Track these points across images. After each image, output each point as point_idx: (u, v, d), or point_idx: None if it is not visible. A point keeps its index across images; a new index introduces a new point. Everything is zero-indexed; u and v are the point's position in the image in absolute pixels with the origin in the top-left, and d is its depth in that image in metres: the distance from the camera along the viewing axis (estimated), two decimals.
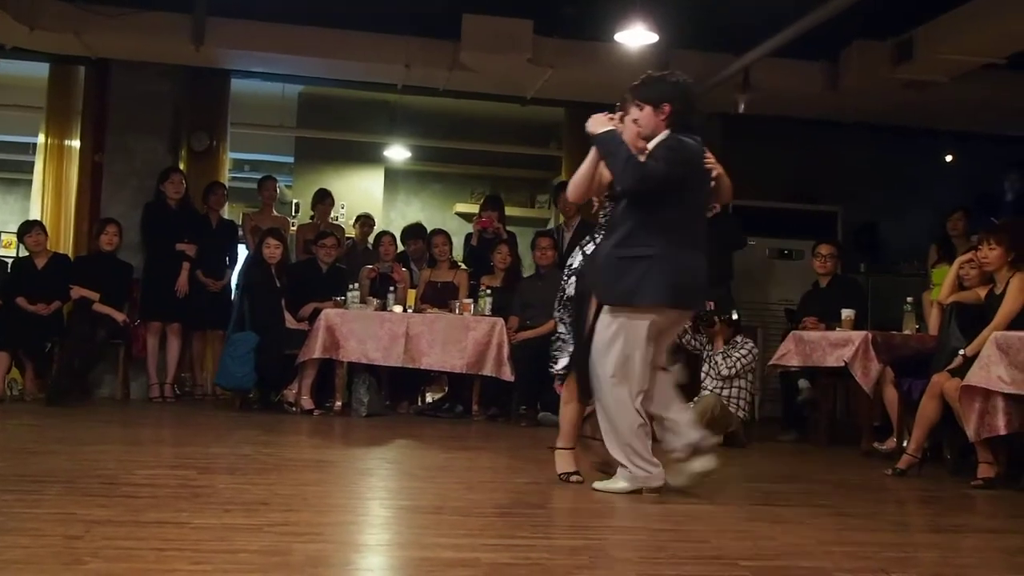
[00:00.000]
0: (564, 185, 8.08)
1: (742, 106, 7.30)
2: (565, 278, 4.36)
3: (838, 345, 6.28)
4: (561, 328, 4.37)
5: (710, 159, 4.20)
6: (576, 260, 4.30)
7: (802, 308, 7.13)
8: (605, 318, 4.07)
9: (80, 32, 7.71)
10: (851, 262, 8.47)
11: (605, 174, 4.18)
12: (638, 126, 4.12)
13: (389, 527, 3.56)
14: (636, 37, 6.70)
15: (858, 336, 6.18)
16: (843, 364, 6.14)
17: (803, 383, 6.89)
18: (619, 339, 4.01)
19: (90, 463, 4.36)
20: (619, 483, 4.15)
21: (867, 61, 7.46)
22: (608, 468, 4.28)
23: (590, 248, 4.28)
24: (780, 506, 4.32)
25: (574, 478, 4.35)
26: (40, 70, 8.78)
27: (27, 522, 3.15)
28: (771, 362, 6.90)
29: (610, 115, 4.17)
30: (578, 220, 7.72)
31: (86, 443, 5.09)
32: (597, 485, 4.21)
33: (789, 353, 6.67)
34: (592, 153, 4.17)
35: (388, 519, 3.73)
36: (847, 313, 6.52)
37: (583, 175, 4.22)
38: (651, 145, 4.08)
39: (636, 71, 7.56)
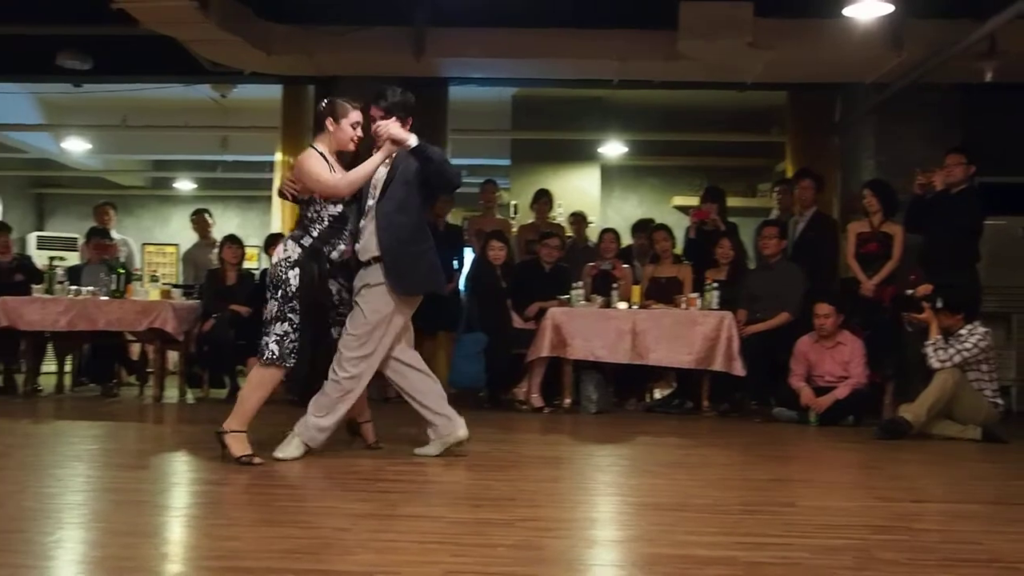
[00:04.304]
0: (801, 174, 7.81)
1: (989, 74, 6.74)
2: (283, 271, 4.44)
3: None
4: (294, 321, 4.43)
5: None
6: (294, 253, 4.45)
7: None
8: (376, 304, 4.53)
9: (311, 53, 8.15)
10: None
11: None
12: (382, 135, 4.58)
13: (635, 524, 3.52)
14: (867, 10, 6.34)
15: None
16: None
17: None
18: (391, 325, 4.58)
19: (344, 460, 4.57)
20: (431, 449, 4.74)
21: None
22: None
23: (308, 242, 4.47)
24: None
25: (256, 460, 4.35)
26: (274, 92, 9.37)
27: (298, 515, 3.34)
28: None
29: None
30: (812, 211, 7.41)
31: (334, 439, 5.27)
32: (417, 451, 4.74)
33: None
34: (379, 155, 4.55)
35: (632, 515, 3.69)
36: None
37: (366, 176, 4.53)
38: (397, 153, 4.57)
39: (866, 46, 7.31)
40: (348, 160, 4.61)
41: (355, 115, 4.56)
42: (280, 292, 4.40)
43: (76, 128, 11.78)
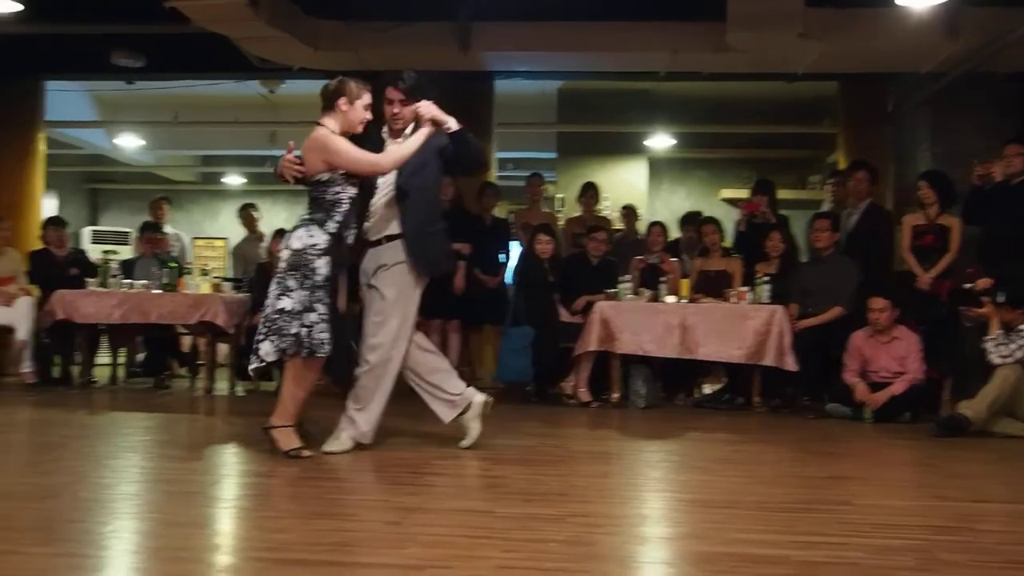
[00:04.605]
0: (855, 166, 7.67)
1: None
2: (311, 258, 4.29)
3: None
4: (322, 310, 4.29)
5: None
6: (321, 240, 4.31)
7: None
8: (397, 284, 4.49)
9: (356, 48, 8.17)
10: None
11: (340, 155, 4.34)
12: (400, 118, 4.58)
13: (686, 521, 3.48)
14: None
15: None
16: None
17: None
18: (413, 304, 4.55)
19: (392, 453, 4.58)
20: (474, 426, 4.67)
21: None
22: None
23: (332, 227, 4.33)
24: None
25: (305, 453, 4.29)
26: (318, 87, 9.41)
27: (347, 508, 3.35)
28: None
29: None
30: (867, 203, 7.27)
31: (383, 433, 5.28)
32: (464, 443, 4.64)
33: None
34: (422, 134, 4.44)
35: (683, 512, 3.65)
36: None
37: (410, 154, 4.42)
38: (410, 132, 4.53)
39: (920, 35, 7.15)
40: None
41: (368, 97, 4.46)
42: (308, 281, 4.27)
43: (129, 124, 11.98)
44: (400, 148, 4.44)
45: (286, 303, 4.27)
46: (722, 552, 2.90)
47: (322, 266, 4.29)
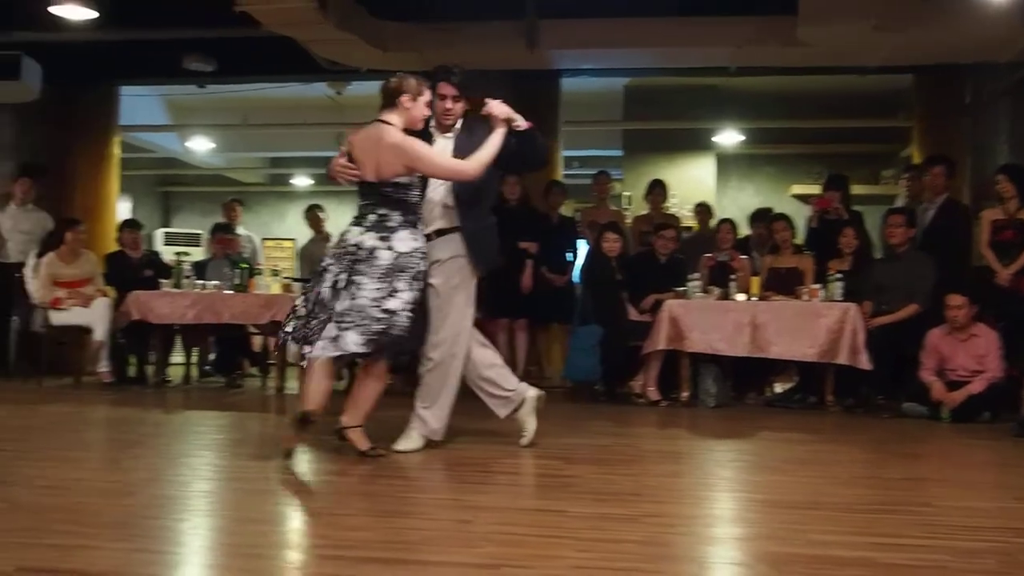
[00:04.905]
0: (932, 160, 7.47)
1: None
2: (417, 260, 4.27)
3: None
4: (414, 312, 4.26)
5: None
6: (422, 242, 4.34)
7: None
8: (453, 278, 4.49)
9: (422, 49, 8.18)
10: None
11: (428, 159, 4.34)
12: (453, 114, 4.58)
13: (762, 521, 3.41)
14: None
15: None
16: None
17: None
18: (471, 298, 4.57)
19: (462, 452, 4.57)
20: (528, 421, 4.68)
21: None
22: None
23: (423, 228, 4.40)
24: None
25: (380, 452, 4.31)
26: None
27: (419, 507, 3.36)
28: None
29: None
30: (943, 198, 7.08)
31: (449, 432, 5.28)
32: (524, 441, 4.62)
33: None
34: (500, 133, 4.43)
35: (757, 513, 3.58)
36: None
37: (492, 157, 4.39)
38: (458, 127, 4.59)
39: (999, 24, 6.92)
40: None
41: (429, 94, 4.45)
42: (416, 283, 4.24)
43: (200, 127, 12.21)
44: (482, 153, 4.40)
45: (394, 304, 4.19)
46: (800, 553, 2.84)
47: (425, 268, 4.33)
